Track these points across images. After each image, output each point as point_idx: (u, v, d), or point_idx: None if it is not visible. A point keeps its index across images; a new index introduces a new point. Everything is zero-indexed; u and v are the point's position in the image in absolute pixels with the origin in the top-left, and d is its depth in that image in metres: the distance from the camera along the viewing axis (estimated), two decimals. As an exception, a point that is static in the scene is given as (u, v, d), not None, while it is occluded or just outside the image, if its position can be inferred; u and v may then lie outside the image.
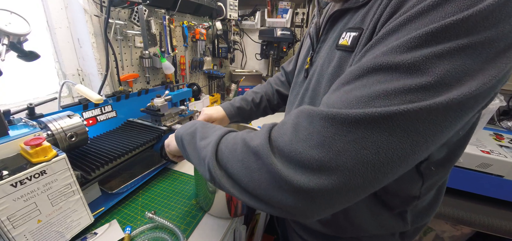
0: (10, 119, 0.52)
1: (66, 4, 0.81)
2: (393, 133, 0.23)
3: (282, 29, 1.50)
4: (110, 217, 0.59)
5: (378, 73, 0.25)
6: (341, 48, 0.38)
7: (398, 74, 0.24)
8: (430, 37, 0.23)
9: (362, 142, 0.24)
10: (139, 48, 1.01)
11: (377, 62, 0.25)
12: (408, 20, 0.25)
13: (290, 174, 0.26)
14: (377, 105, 0.24)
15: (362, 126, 0.24)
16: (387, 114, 0.23)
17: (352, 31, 0.36)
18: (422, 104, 0.22)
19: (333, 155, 0.24)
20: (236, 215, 0.62)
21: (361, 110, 0.24)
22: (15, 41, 0.55)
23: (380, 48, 0.27)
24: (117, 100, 0.84)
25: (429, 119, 0.23)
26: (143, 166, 0.74)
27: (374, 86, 0.25)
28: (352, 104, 0.25)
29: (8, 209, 0.39)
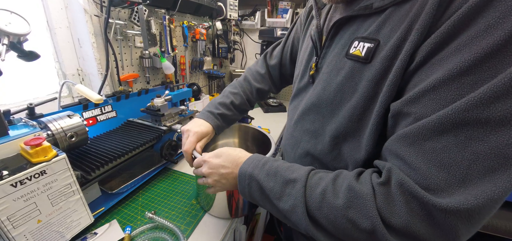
0: (10, 119, 0.52)
1: (66, 4, 0.81)
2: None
3: (282, 29, 1.50)
4: (110, 217, 0.59)
5: (466, 129, 0.24)
6: (352, 58, 0.37)
7: (490, 130, 0.23)
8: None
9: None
10: (139, 48, 1.01)
11: (462, 117, 0.24)
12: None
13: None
14: (485, 181, 0.24)
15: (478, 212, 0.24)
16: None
17: (366, 41, 0.35)
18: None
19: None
20: (237, 215, 0.62)
21: (474, 200, 0.24)
22: (15, 41, 0.55)
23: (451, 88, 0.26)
24: (117, 100, 0.84)
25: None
26: (143, 166, 0.74)
27: (468, 147, 0.24)
28: (453, 182, 0.25)
29: (8, 209, 0.39)
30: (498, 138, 0.23)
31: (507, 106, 0.22)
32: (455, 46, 0.26)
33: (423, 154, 0.27)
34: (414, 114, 0.28)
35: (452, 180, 0.25)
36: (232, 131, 0.78)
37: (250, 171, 0.41)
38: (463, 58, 0.25)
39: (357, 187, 0.31)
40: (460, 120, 0.24)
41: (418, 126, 0.27)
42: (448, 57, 0.26)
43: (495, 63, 0.23)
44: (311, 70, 0.48)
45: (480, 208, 0.24)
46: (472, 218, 0.24)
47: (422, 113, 0.28)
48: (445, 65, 0.26)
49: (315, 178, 0.36)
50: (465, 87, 0.24)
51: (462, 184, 0.25)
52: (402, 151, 0.29)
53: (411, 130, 0.28)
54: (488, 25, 0.24)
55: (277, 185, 0.38)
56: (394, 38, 0.31)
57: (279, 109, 1.50)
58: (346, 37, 0.39)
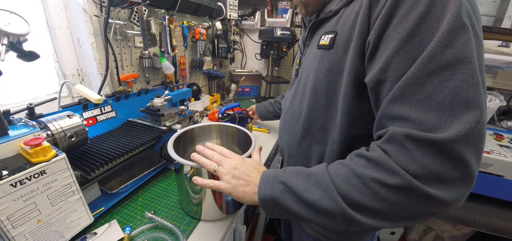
0: (10, 119, 0.52)
1: (66, 4, 0.81)
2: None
3: (282, 29, 1.50)
4: (110, 217, 0.59)
5: (437, 75, 0.31)
6: (321, 47, 0.48)
7: (453, 69, 0.30)
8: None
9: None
10: (139, 48, 1.01)
11: (430, 66, 0.31)
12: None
13: (439, 193, 0.31)
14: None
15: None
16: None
17: (329, 33, 0.46)
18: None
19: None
20: (228, 212, 0.61)
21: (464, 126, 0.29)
22: (14, 41, 0.55)
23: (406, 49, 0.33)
24: (117, 100, 0.84)
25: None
26: (143, 166, 0.74)
27: (444, 87, 0.30)
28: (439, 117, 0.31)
29: (8, 209, 0.39)
30: (462, 73, 0.29)
31: (455, 48, 0.30)
32: (396, 22, 0.34)
33: (414, 105, 0.32)
34: (390, 77, 0.35)
35: (444, 117, 0.30)
36: (211, 132, 0.76)
37: (273, 175, 0.43)
38: (405, 27, 0.33)
39: (370, 155, 0.36)
40: (429, 70, 0.31)
41: (400, 86, 0.33)
42: (394, 30, 0.34)
43: (427, 25, 0.32)
44: (297, 66, 0.62)
45: (473, 130, 0.29)
46: (471, 140, 0.30)
47: (395, 74, 0.34)
48: (395, 36, 0.34)
49: (332, 166, 0.40)
50: (415, 44, 0.33)
51: (453, 117, 0.30)
52: (397, 110, 0.34)
53: (397, 91, 0.34)
54: (412, 3, 0.33)
55: (302, 179, 0.40)
56: (346, 27, 0.42)
57: (279, 109, 1.50)
58: (318, 35, 0.51)
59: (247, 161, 0.49)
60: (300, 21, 0.67)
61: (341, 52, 0.43)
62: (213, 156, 0.49)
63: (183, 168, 0.54)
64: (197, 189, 0.56)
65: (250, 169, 0.47)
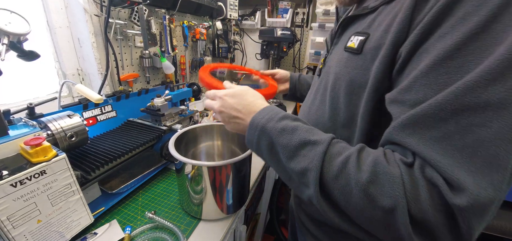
0: (10, 119, 0.52)
1: (66, 4, 0.81)
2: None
3: (282, 29, 1.50)
4: (110, 217, 0.59)
5: (467, 114, 0.24)
6: (348, 50, 0.41)
7: (492, 115, 0.23)
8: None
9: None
10: (139, 48, 1.01)
11: (461, 101, 0.24)
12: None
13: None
14: (494, 169, 0.24)
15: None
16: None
17: (359, 35, 0.39)
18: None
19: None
20: (229, 212, 0.61)
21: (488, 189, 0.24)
22: (15, 41, 0.55)
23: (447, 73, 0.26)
24: (117, 100, 0.84)
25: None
26: (143, 166, 0.74)
27: (471, 134, 0.24)
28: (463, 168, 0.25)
29: (8, 209, 0.39)
30: (501, 122, 0.23)
31: (505, 87, 0.22)
32: (438, 35, 0.28)
33: (425, 142, 0.27)
34: (408, 101, 0.29)
35: (459, 169, 0.24)
36: (213, 131, 0.75)
37: (263, 124, 0.39)
38: (446, 44, 0.26)
39: (385, 164, 0.30)
40: (460, 105, 0.24)
41: (415, 114, 0.28)
42: (433, 44, 0.28)
43: (476, 46, 0.25)
44: (321, 65, 0.54)
45: (491, 200, 0.23)
46: (484, 211, 0.24)
47: (415, 99, 0.28)
48: (432, 51, 0.28)
49: (337, 146, 0.34)
50: (452, 70, 0.26)
51: (470, 173, 0.24)
52: (404, 141, 0.29)
53: (409, 119, 0.28)
54: (465, 13, 0.26)
55: (292, 143, 0.35)
56: (379, 30, 0.35)
57: (279, 109, 1.50)
58: (348, 34, 0.44)
59: (230, 99, 0.46)
60: (334, 10, 0.57)
61: (369, 60, 0.36)
62: (213, 107, 0.49)
63: (184, 167, 0.54)
64: (197, 189, 0.56)
65: (235, 109, 0.44)
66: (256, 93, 0.47)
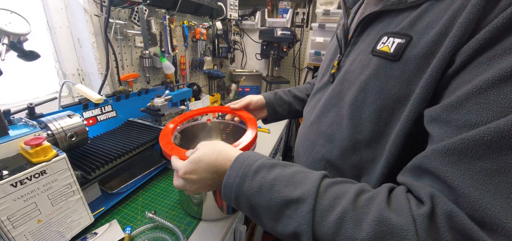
0: (10, 119, 0.52)
1: (66, 4, 0.81)
2: None
3: (282, 29, 1.50)
4: (110, 217, 0.59)
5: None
6: (379, 54, 0.34)
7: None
8: None
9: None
10: (139, 48, 1.01)
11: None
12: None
13: None
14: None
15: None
16: None
17: (396, 36, 0.32)
18: None
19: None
20: (229, 212, 0.61)
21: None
22: (15, 41, 0.55)
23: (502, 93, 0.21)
24: (117, 100, 0.84)
25: None
26: (143, 166, 0.74)
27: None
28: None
29: (8, 209, 0.39)
30: None
31: None
32: (510, 44, 0.21)
33: (472, 175, 0.21)
34: (455, 121, 0.23)
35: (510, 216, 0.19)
36: (211, 131, 0.76)
37: (238, 185, 0.33)
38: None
39: (391, 218, 0.24)
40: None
41: (466, 139, 0.22)
42: (501, 55, 0.22)
43: None
44: (333, 69, 0.45)
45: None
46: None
47: (466, 120, 0.23)
48: (496, 64, 0.22)
49: (327, 196, 0.28)
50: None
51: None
52: (443, 170, 0.23)
53: (456, 144, 0.22)
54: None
55: (273, 204, 0.30)
56: (431, 33, 0.28)
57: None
58: (374, 33, 0.36)
59: (194, 176, 0.38)
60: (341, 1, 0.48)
61: (413, 70, 0.29)
62: (183, 189, 0.41)
63: None
64: None
65: (209, 179, 0.37)
66: (212, 148, 0.38)
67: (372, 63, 0.35)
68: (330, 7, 1.43)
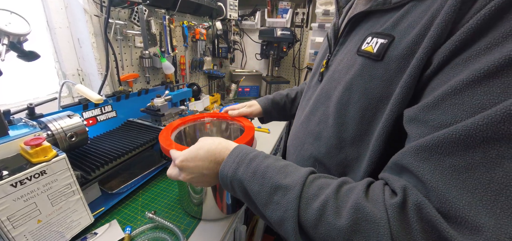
0: (10, 119, 0.52)
1: (66, 4, 0.81)
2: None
3: (282, 29, 1.50)
4: (110, 217, 0.59)
5: (499, 144, 0.20)
6: (364, 54, 0.34)
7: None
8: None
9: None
10: (139, 48, 1.01)
11: (496, 129, 0.20)
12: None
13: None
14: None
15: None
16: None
17: (380, 37, 0.32)
18: None
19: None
20: (229, 212, 0.61)
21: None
22: (15, 41, 0.55)
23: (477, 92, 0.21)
24: (117, 100, 0.84)
25: None
26: (143, 166, 0.74)
27: (500, 168, 0.20)
28: (481, 207, 0.20)
29: (8, 209, 0.39)
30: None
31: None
32: (485, 44, 0.22)
33: (442, 171, 0.22)
34: (431, 121, 0.24)
35: (477, 206, 0.20)
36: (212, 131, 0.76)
37: (234, 169, 0.35)
38: (494, 58, 0.21)
39: (367, 207, 0.25)
40: (493, 133, 0.20)
41: (437, 137, 0.23)
42: (476, 56, 0.22)
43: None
44: (322, 68, 0.46)
45: None
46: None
47: (441, 120, 0.24)
48: (471, 65, 0.22)
49: (313, 186, 0.30)
50: (494, 92, 0.21)
51: (491, 214, 0.20)
52: (416, 166, 0.25)
53: (428, 141, 0.24)
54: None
55: (264, 189, 0.32)
56: (411, 34, 0.29)
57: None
58: (361, 33, 0.37)
59: (191, 163, 0.39)
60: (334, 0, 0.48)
61: (395, 70, 0.30)
62: (179, 178, 0.42)
63: None
64: (197, 189, 0.56)
65: (204, 168, 0.39)
66: (214, 139, 0.41)
67: (357, 62, 0.36)
68: (330, 7, 1.44)
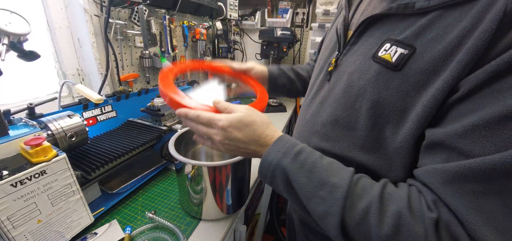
0: (10, 119, 0.52)
1: (66, 4, 0.81)
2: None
3: (282, 29, 1.50)
4: (110, 217, 0.59)
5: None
6: (381, 62, 0.33)
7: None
8: None
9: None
10: (139, 48, 1.01)
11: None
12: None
13: None
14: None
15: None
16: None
17: (400, 45, 0.30)
18: None
19: None
20: (229, 212, 0.61)
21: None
22: (15, 41, 0.55)
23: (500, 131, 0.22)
24: (117, 100, 0.84)
25: None
26: (143, 166, 0.74)
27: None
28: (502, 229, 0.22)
29: (8, 209, 0.39)
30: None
31: None
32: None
33: (462, 194, 0.24)
34: (459, 150, 0.25)
35: (491, 226, 0.22)
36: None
37: (279, 159, 0.35)
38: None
39: (409, 219, 0.27)
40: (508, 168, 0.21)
41: (462, 166, 0.24)
42: (507, 89, 0.22)
43: None
44: (330, 66, 0.43)
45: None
46: None
47: (470, 150, 0.24)
48: (502, 99, 0.22)
49: (358, 187, 0.31)
50: None
51: (502, 233, 0.22)
52: (438, 187, 0.26)
53: (453, 168, 0.24)
54: None
55: (311, 183, 0.32)
56: (435, 50, 0.27)
57: (279, 109, 1.50)
58: (377, 36, 0.35)
59: (236, 132, 0.38)
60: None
61: (412, 83, 0.29)
62: (196, 130, 0.41)
63: (184, 168, 0.54)
64: (197, 189, 0.56)
65: (244, 142, 0.38)
66: (264, 119, 0.40)
67: (372, 69, 0.34)
68: (330, 7, 1.43)
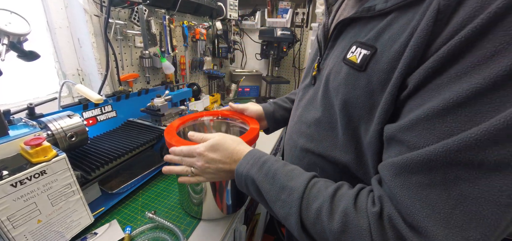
0: (10, 119, 0.52)
1: (66, 4, 0.81)
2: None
3: (282, 29, 1.50)
4: (110, 217, 0.59)
5: (456, 168, 0.23)
6: (348, 63, 0.35)
7: (482, 174, 0.22)
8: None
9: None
10: (139, 48, 1.01)
11: (453, 157, 0.22)
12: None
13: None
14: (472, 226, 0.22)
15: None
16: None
17: (363, 47, 0.33)
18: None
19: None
20: (229, 212, 0.61)
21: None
22: (15, 41, 0.55)
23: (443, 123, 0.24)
24: (117, 100, 0.84)
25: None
26: (143, 166, 0.74)
27: (456, 187, 0.23)
28: (442, 219, 0.23)
29: (8, 209, 0.39)
30: (490, 183, 0.21)
31: (505, 151, 0.20)
32: (455, 73, 0.23)
33: (408, 186, 0.26)
34: (407, 142, 0.27)
35: (435, 218, 0.24)
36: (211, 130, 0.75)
37: (248, 170, 0.40)
38: (462, 88, 0.22)
39: (354, 215, 0.29)
40: (451, 160, 0.23)
41: (406, 158, 0.26)
42: (447, 84, 0.24)
43: (497, 97, 0.21)
44: (314, 71, 0.47)
45: None
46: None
47: (415, 142, 0.26)
48: (442, 92, 0.24)
49: (314, 190, 0.34)
50: (460, 121, 0.23)
51: (446, 225, 0.23)
52: (389, 180, 0.28)
53: (400, 161, 0.27)
54: (494, 51, 0.21)
55: (274, 189, 0.37)
56: (392, 49, 0.29)
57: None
58: (347, 39, 0.38)
59: (212, 154, 0.44)
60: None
61: (376, 82, 0.31)
62: (182, 162, 0.47)
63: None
64: (197, 189, 0.56)
65: (220, 162, 0.44)
66: (235, 139, 0.46)
67: (342, 70, 0.36)
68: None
